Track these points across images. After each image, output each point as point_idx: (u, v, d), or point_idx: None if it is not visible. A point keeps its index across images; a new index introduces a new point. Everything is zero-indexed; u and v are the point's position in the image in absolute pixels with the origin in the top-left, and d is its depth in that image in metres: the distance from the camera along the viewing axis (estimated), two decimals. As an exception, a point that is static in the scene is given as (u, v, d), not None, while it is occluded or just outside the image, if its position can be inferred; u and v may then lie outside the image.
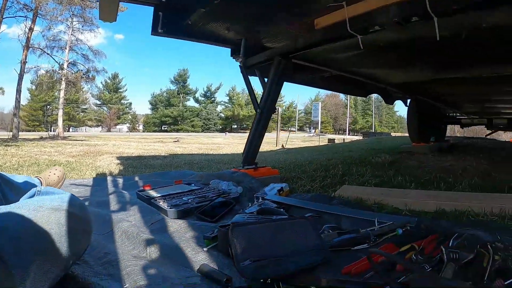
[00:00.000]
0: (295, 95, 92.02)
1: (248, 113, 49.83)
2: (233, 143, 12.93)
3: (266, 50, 2.89)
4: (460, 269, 1.09)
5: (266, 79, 2.86)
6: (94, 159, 4.87)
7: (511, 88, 4.09)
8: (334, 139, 15.62)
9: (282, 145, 10.36)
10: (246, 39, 2.89)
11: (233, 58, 3.15)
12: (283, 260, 1.07)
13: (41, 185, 1.76)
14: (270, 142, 13.06)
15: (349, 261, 1.15)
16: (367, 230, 1.43)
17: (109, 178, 2.81)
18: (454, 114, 6.88)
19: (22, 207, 0.88)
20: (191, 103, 53.22)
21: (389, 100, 5.62)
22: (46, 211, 0.89)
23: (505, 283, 0.97)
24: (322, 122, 39.31)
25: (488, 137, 8.02)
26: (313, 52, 2.62)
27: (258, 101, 2.81)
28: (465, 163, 3.60)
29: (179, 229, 1.52)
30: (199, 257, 1.20)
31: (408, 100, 5.66)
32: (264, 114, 2.76)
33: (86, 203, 1.97)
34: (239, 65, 3.01)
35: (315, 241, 1.21)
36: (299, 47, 2.54)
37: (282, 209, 1.78)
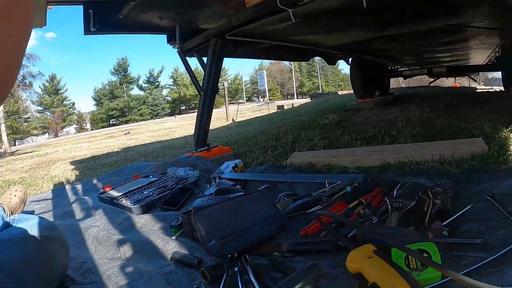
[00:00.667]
0: (239, 67, 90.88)
1: (195, 92, 48.41)
2: (184, 125, 12.78)
3: (202, 32, 2.88)
4: (404, 217, 1.20)
5: (206, 59, 2.88)
6: (48, 170, 4.70)
7: (446, 39, 4.31)
8: (283, 105, 15.69)
9: (233, 119, 10.34)
10: (180, 24, 2.88)
11: (170, 44, 3.12)
12: (244, 234, 1.16)
13: (4, 212, 1.69)
14: (221, 117, 12.99)
15: (305, 224, 1.26)
16: (318, 192, 1.53)
17: (67, 187, 2.76)
18: (396, 67, 7.05)
19: (9, 241, 0.91)
20: (135, 91, 51.58)
21: (331, 62, 5.73)
22: (32, 242, 0.93)
23: (443, 224, 1.08)
24: (269, 90, 39.28)
25: (432, 84, 8.36)
26: (249, 28, 2.65)
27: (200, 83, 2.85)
28: (409, 113, 3.78)
29: (146, 224, 1.56)
30: (170, 246, 1.26)
31: (350, 58, 5.80)
32: (208, 95, 2.80)
33: (51, 218, 1.96)
34: (177, 51, 3.00)
35: (272, 211, 1.30)
36: (234, 26, 2.56)
37: (239, 185, 1.87)
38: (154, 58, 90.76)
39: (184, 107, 52.84)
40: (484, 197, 1.25)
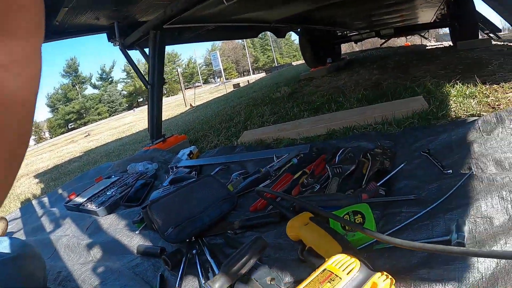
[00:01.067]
0: (192, 51, 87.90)
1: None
2: (144, 117, 12.41)
3: (141, 26, 2.84)
4: (344, 181, 1.29)
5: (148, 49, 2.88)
6: (12, 189, 4.53)
7: (390, 2, 4.40)
8: (239, 83, 15.34)
9: (190, 104, 10.15)
10: (118, 21, 2.84)
11: (111, 42, 3.08)
12: (198, 218, 1.24)
13: None
14: (179, 104, 12.74)
15: (255, 200, 1.34)
16: (266, 168, 1.62)
17: (34, 202, 2.73)
18: (346, 33, 7.09)
19: None
20: (89, 91, 49.26)
21: (280, 34, 5.72)
22: (10, 263, 0.95)
23: (378, 184, 1.17)
24: (225, 69, 38.51)
25: (384, 45, 8.47)
26: (187, 14, 2.64)
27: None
28: (359, 77, 3.85)
29: (111, 223, 1.62)
30: (135, 241, 1.34)
31: (299, 29, 5.82)
32: (155, 87, 2.82)
33: (22, 236, 1.98)
34: (119, 48, 2.97)
35: (223, 192, 1.39)
36: (169, 16, 2.56)
37: (194, 172, 1.94)
38: (104, 53, 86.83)
39: (141, 99, 51.19)
40: (421, 153, 1.34)
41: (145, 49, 2.99)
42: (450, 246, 0.71)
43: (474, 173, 1.08)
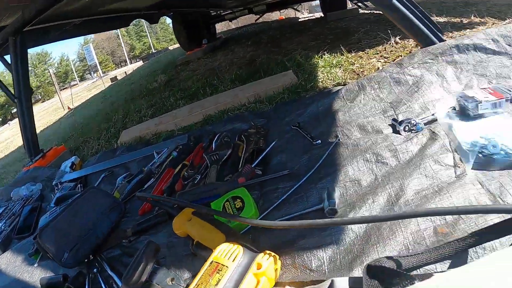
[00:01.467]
0: (63, 47, 79.74)
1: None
2: (22, 130, 11.11)
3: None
4: (222, 167, 1.34)
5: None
6: None
7: None
8: (116, 76, 14.43)
9: (68, 107, 9.38)
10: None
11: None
12: (90, 234, 1.23)
13: None
14: (57, 107, 11.77)
15: (143, 203, 1.35)
16: (148, 166, 1.63)
17: None
18: (219, 12, 7.06)
19: None
20: (-48, 113, 42.52)
21: (153, 21, 5.57)
22: None
23: (253, 165, 1.22)
24: (101, 63, 35.90)
25: (259, 21, 8.55)
26: (49, 13, 2.42)
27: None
28: (233, 56, 3.89)
29: (8, 262, 1.48)
30: (36, 275, 1.26)
31: (172, 13, 5.71)
32: (23, 99, 2.60)
33: None
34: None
35: (109, 202, 1.37)
36: (30, 18, 2.36)
37: (80, 184, 1.87)
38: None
39: (15, 110, 45.53)
40: (291, 127, 1.43)
41: (5, 56, 2.73)
42: (311, 220, 0.78)
43: (340, 140, 1.19)
